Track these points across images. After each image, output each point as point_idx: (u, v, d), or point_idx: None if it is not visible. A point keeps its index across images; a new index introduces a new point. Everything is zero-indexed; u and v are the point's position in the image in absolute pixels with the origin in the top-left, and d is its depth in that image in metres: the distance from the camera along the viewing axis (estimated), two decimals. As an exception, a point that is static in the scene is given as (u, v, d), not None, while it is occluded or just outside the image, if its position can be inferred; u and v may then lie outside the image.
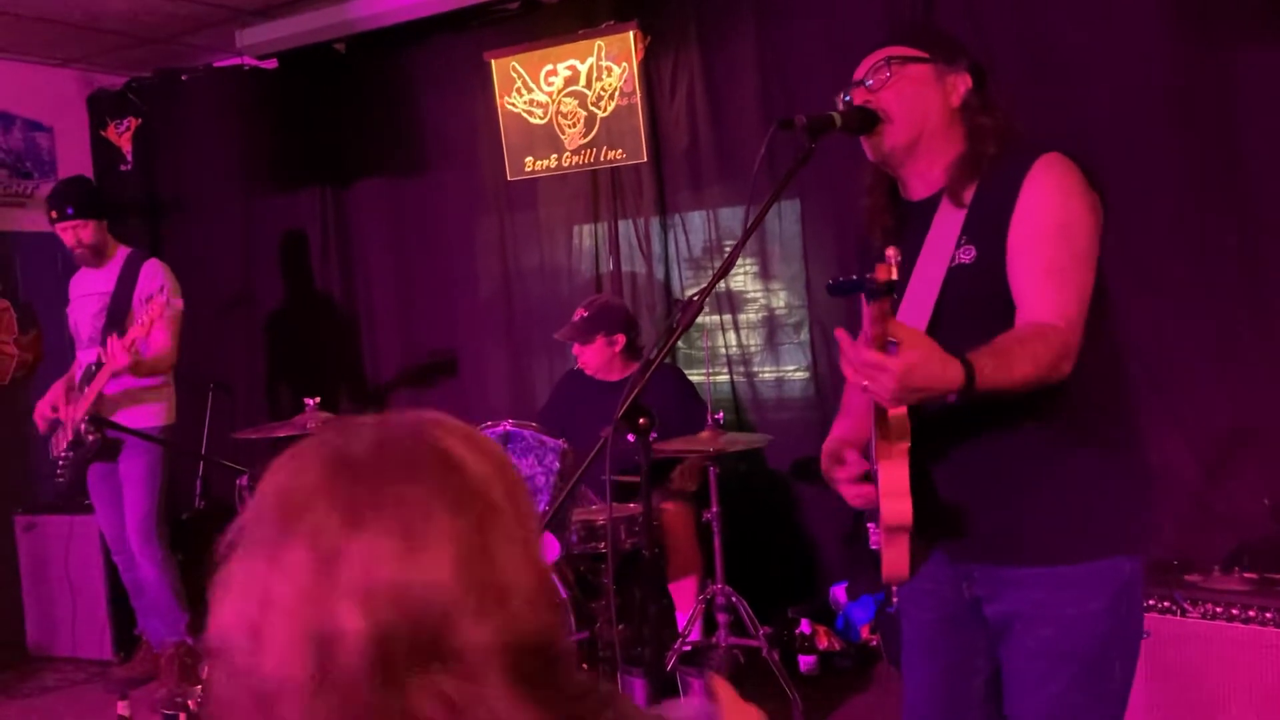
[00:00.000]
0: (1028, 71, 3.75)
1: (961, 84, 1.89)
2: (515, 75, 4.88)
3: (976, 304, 1.79)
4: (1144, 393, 3.58)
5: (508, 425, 3.54)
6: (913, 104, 1.87)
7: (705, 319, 4.57)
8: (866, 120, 1.88)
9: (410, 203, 5.36)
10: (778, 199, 1.99)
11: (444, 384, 5.32)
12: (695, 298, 1.93)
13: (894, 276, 1.54)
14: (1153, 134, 3.62)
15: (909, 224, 1.93)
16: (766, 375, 4.61)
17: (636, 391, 1.82)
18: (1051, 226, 1.76)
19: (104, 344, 4.12)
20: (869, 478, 1.86)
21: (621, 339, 4.08)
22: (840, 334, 1.61)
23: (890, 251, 1.57)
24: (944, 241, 1.85)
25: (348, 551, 0.76)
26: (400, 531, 0.77)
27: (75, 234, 4.30)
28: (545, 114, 4.85)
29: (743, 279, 4.62)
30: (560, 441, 3.47)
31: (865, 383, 1.57)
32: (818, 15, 4.21)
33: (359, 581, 0.75)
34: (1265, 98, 3.46)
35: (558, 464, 3.41)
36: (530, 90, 4.86)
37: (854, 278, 1.59)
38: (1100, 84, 3.68)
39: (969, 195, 1.85)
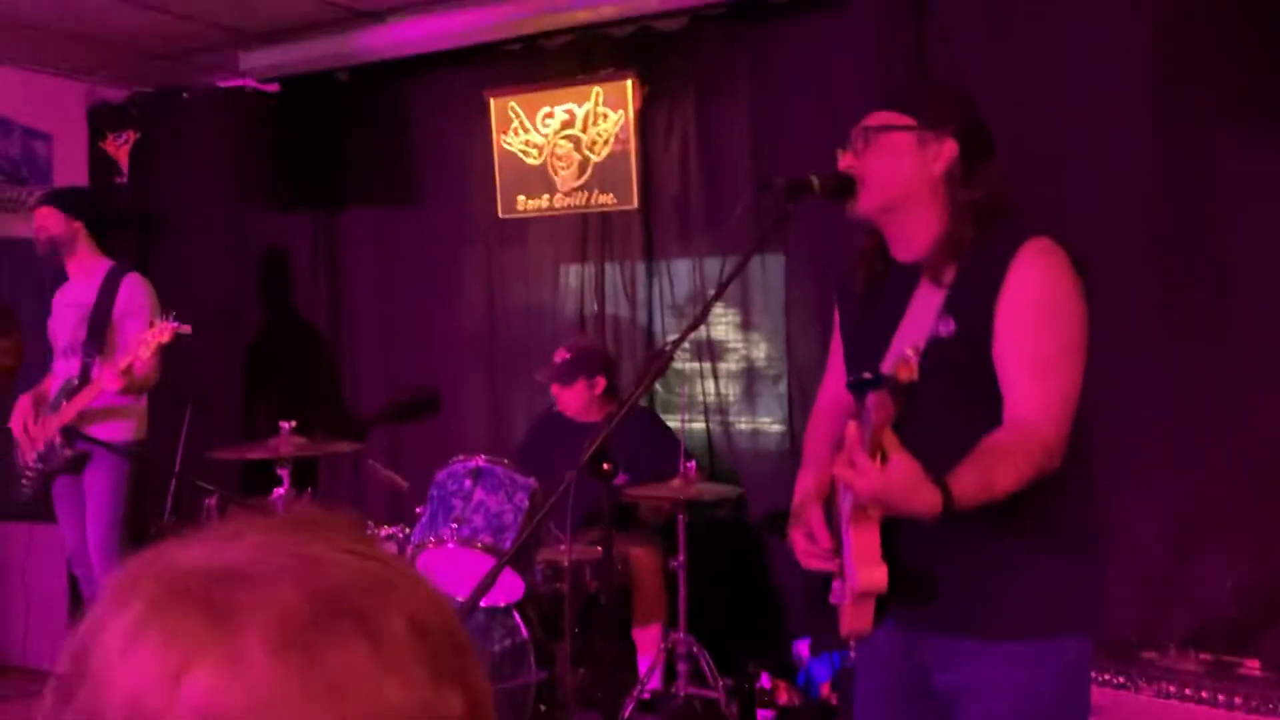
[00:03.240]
0: (1008, 151, 3.80)
1: (946, 152, 1.88)
2: (513, 115, 4.93)
3: (953, 377, 1.81)
4: (1111, 470, 3.61)
5: (480, 461, 3.55)
6: (886, 172, 1.89)
7: (685, 365, 4.60)
8: (844, 186, 1.92)
9: (401, 232, 5.40)
10: (752, 258, 2.03)
11: (422, 416, 5.33)
12: (668, 348, 1.96)
13: (915, 378, 1.59)
14: (1130, 217, 3.67)
15: (891, 282, 1.96)
16: (743, 425, 4.63)
17: (601, 439, 1.84)
18: (1039, 316, 1.77)
19: (83, 356, 4.11)
20: (835, 551, 1.89)
21: (602, 382, 4.11)
22: (850, 425, 1.63)
23: (909, 351, 1.61)
24: (924, 316, 1.87)
25: None
26: None
27: (41, 220, 4.28)
28: (540, 155, 4.90)
29: (724, 328, 4.65)
30: (530, 480, 3.48)
31: (846, 480, 1.60)
32: (812, 77, 4.28)
33: None
34: (1242, 182, 3.52)
35: (527, 502, 3.42)
36: (527, 130, 4.92)
37: (875, 376, 1.64)
38: (1079, 164, 3.74)
39: (949, 276, 1.85)
